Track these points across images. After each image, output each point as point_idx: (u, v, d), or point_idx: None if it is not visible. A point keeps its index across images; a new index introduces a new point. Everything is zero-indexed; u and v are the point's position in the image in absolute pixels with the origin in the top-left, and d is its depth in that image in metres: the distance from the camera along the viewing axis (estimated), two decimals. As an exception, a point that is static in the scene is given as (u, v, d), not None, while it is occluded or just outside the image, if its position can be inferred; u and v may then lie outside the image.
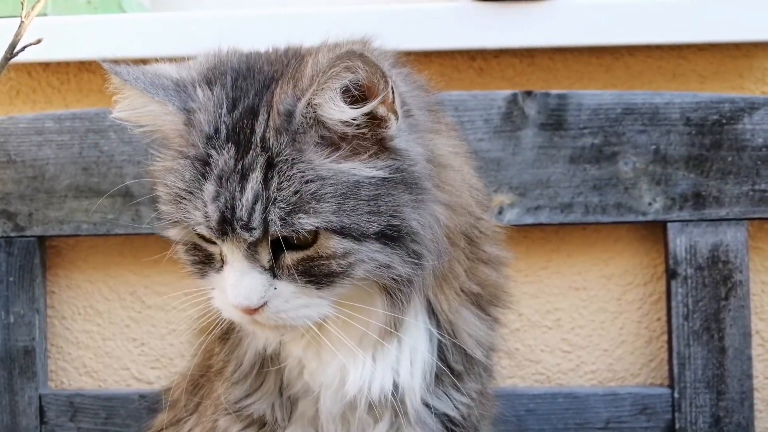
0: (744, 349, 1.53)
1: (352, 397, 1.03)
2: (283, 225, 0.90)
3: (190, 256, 0.99)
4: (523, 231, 1.58)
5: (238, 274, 0.93)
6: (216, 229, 0.91)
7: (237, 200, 0.90)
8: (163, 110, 0.97)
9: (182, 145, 0.96)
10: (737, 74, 1.61)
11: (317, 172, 0.91)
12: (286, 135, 0.92)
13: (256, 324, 0.96)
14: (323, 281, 0.94)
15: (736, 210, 1.52)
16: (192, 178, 0.93)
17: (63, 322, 1.67)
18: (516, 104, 1.52)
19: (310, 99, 0.90)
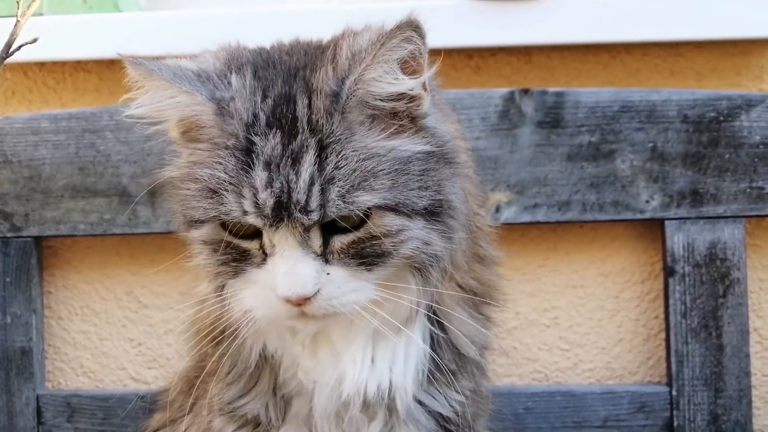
0: (742, 347, 1.53)
1: (348, 396, 1.03)
2: (343, 204, 0.89)
3: (219, 255, 0.95)
4: (520, 229, 1.58)
5: (292, 262, 0.91)
6: (271, 216, 0.89)
7: (293, 184, 0.89)
8: (191, 100, 0.94)
9: (215, 136, 0.94)
10: (734, 71, 1.61)
11: (371, 150, 0.92)
12: (335, 115, 0.92)
13: (302, 317, 0.94)
14: (374, 262, 0.94)
15: (733, 207, 1.52)
16: (235, 167, 0.91)
17: (60, 323, 1.67)
18: (513, 102, 1.52)
19: (361, 74, 0.91)
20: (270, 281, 0.92)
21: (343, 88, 0.92)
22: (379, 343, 1.04)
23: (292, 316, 0.94)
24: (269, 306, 0.94)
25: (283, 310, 0.93)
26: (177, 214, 0.99)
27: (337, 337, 1.03)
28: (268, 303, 0.94)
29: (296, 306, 0.92)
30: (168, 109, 0.96)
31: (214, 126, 0.94)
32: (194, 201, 0.94)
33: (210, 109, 0.94)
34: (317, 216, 0.89)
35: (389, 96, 0.93)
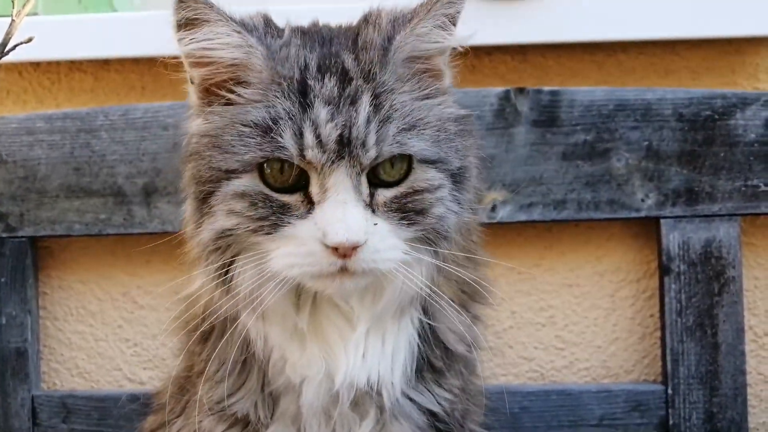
0: (737, 345, 1.53)
1: (340, 387, 1.03)
2: (398, 145, 0.93)
3: (256, 210, 0.93)
4: (515, 228, 1.58)
5: (346, 208, 0.91)
6: (333, 150, 0.91)
7: (354, 120, 0.91)
8: (245, 42, 0.95)
9: (266, 79, 0.95)
10: (729, 70, 1.61)
11: (417, 103, 0.97)
12: (386, 67, 0.96)
13: (341, 274, 0.93)
14: (412, 220, 0.96)
15: (728, 206, 1.52)
16: (293, 105, 0.92)
17: (55, 323, 1.66)
18: (508, 101, 1.52)
19: (413, 27, 0.96)
20: (315, 231, 0.91)
21: (393, 41, 0.96)
22: (370, 336, 1.04)
23: (332, 272, 0.92)
24: (311, 260, 0.92)
25: (327, 262, 0.92)
26: (201, 171, 0.96)
27: (330, 328, 1.03)
28: (309, 257, 0.92)
29: (341, 258, 0.91)
30: (221, 48, 0.96)
31: (265, 70, 0.95)
32: (240, 144, 0.93)
33: (261, 53, 0.95)
34: (375, 152, 0.92)
35: (437, 50, 1.00)
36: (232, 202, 0.94)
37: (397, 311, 1.04)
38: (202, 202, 0.97)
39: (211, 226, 0.97)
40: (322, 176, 0.92)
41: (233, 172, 0.94)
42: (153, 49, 1.54)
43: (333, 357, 1.03)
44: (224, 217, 0.95)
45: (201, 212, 0.98)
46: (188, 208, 1.01)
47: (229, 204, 0.95)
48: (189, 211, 1.01)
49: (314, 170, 0.92)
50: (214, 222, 0.96)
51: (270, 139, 0.91)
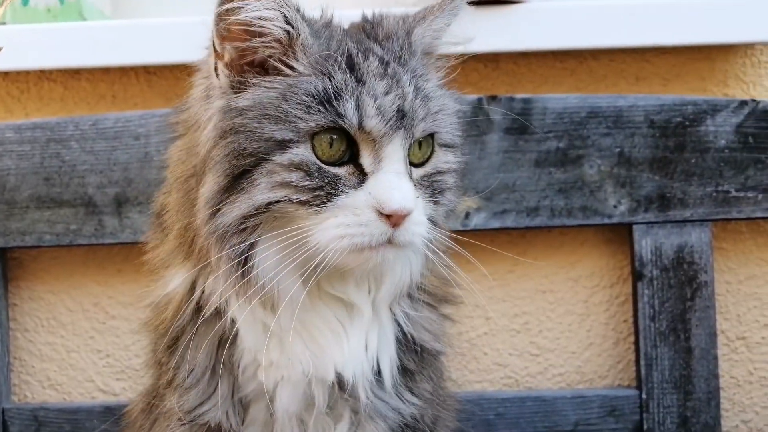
0: (710, 349, 1.54)
1: (321, 384, 1.03)
2: (438, 121, 1.01)
3: (311, 180, 0.94)
4: (489, 235, 1.58)
5: (400, 177, 0.95)
6: (392, 120, 0.95)
7: (406, 94, 0.96)
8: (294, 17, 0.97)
9: (316, 53, 0.97)
10: (699, 77, 1.63)
11: (440, 90, 1.04)
12: (415, 55, 1.03)
13: (387, 245, 0.95)
14: (437, 199, 1.03)
15: (700, 211, 1.53)
16: (348, 79, 0.95)
17: (26, 335, 1.65)
18: (481, 109, 1.52)
19: (430, 23, 1.05)
20: (370, 200, 0.94)
21: (413, 33, 1.04)
22: (369, 327, 1.05)
23: (380, 242, 0.94)
24: (362, 230, 0.94)
25: (378, 231, 0.94)
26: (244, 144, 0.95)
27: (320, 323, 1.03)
28: (361, 227, 0.94)
29: (392, 226, 0.94)
30: (275, 20, 0.97)
31: (313, 45, 0.98)
32: (299, 113, 0.94)
33: (307, 30, 0.98)
34: (423, 126, 0.98)
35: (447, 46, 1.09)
36: (285, 172, 0.94)
37: (393, 302, 1.06)
38: (236, 178, 0.95)
39: (248, 203, 0.95)
40: (378, 147, 0.95)
41: (289, 141, 0.94)
42: (123, 58, 1.55)
43: (322, 352, 1.03)
44: (270, 190, 0.94)
45: (231, 190, 0.96)
46: (209, 190, 0.97)
47: (281, 175, 0.94)
48: (210, 192, 0.97)
49: (368, 141, 0.95)
50: (253, 197, 0.95)
51: (331, 109, 0.94)
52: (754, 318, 1.63)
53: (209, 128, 0.99)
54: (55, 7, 1.60)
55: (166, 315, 1.07)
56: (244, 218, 0.95)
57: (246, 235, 0.96)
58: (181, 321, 1.05)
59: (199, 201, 0.98)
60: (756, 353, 1.64)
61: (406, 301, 1.08)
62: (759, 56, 1.63)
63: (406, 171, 0.97)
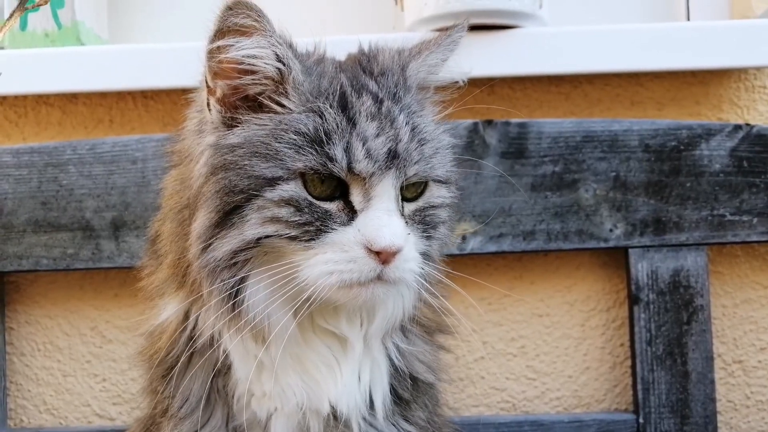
0: (707, 373, 1.54)
1: (315, 415, 1.03)
2: (431, 165, 1.00)
3: (301, 215, 0.94)
4: (486, 259, 1.59)
5: (390, 215, 0.95)
6: (382, 162, 0.94)
7: (400, 136, 0.96)
8: (288, 54, 0.97)
9: (306, 92, 0.97)
10: (694, 101, 1.64)
11: (434, 127, 1.04)
12: (407, 91, 1.02)
13: (377, 282, 0.95)
14: (429, 233, 1.02)
15: (695, 235, 1.54)
16: (340, 118, 0.95)
17: (22, 359, 1.64)
18: (477, 133, 1.53)
19: (425, 59, 1.05)
20: (359, 237, 0.94)
21: (408, 69, 1.03)
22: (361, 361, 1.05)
23: (370, 279, 0.95)
24: (351, 266, 0.94)
25: (367, 268, 0.94)
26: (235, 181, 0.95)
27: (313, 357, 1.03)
28: (350, 263, 0.94)
29: (382, 263, 0.94)
30: (267, 58, 0.97)
31: (304, 83, 0.97)
32: (288, 152, 0.94)
33: (299, 67, 0.97)
34: (415, 170, 0.98)
35: (443, 82, 1.09)
36: (276, 208, 0.94)
37: (385, 336, 1.06)
38: (227, 214, 0.96)
39: (238, 238, 0.95)
40: (367, 186, 0.95)
41: (278, 179, 0.94)
42: (121, 83, 1.56)
43: (316, 385, 1.03)
44: (260, 225, 0.95)
45: (222, 226, 0.96)
46: (201, 225, 0.97)
47: (271, 210, 0.95)
48: (202, 227, 0.97)
49: (359, 181, 0.95)
50: (243, 232, 0.95)
51: (321, 151, 0.94)
52: (751, 342, 1.63)
53: (201, 163, 0.99)
54: (53, 32, 1.60)
55: (160, 344, 1.07)
56: (234, 253, 0.96)
57: (236, 270, 0.97)
58: (176, 351, 1.05)
59: (192, 235, 0.98)
60: (753, 377, 1.63)
61: (399, 334, 1.08)
62: (753, 81, 1.64)
63: (397, 208, 0.97)
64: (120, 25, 1.77)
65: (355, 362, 1.05)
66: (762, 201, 1.54)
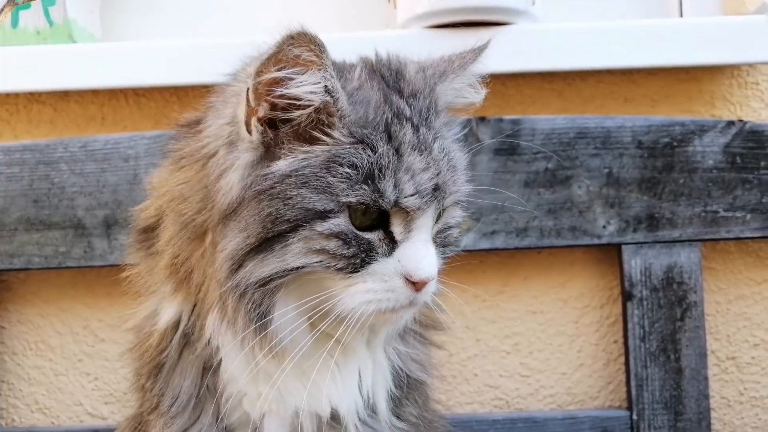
0: (700, 370, 1.54)
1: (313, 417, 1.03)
2: (462, 191, 1.02)
3: (348, 248, 0.94)
4: (479, 256, 1.58)
5: (428, 246, 0.97)
6: (428, 198, 0.95)
7: (441, 167, 0.97)
8: (334, 86, 0.94)
9: (355, 121, 0.95)
10: (687, 98, 1.64)
11: (456, 146, 1.04)
12: (436, 115, 1.02)
13: (410, 306, 0.97)
14: (446, 253, 1.05)
15: (689, 231, 1.54)
16: (388, 151, 0.94)
17: (14, 358, 1.64)
18: (470, 130, 1.53)
19: (451, 82, 1.05)
20: (399, 268, 0.95)
21: (435, 92, 1.03)
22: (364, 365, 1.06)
23: (404, 305, 0.97)
24: (390, 295, 0.95)
25: (404, 297, 0.96)
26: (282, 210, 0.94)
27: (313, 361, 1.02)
28: (389, 293, 0.95)
29: (417, 292, 0.96)
30: (318, 93, 0.94)
31: (351, 114, 0.95)
32: (340, 186, 0.93)
33: (345, 98, 0.95)
34: (452, 199, 1.00)
35: (464, 105, 1.09)
36: (324, 240, 0.94)
37: (387, 340, 1.07)
38: (268, 241, 0.94)
39: (278, 265, 0.94)
40: (410, 219, 0.96)
41: (330, 212, 0.93)
42: (113, 81, 1.55)
43: (317, 389, 1.03)
44: (304, 255, 0.94)
45: (260, 250, 0.95)
46: (234, 247, 0.95)
47: (319, 242, 0.94)
48: (235, 249, 0.95)
49: (401, 214, 0.95)
50: (285, 260, 0.94)
51: (372, 186, 0.93)
52: (744, 338, 1.63)
53: (234, 179, 0.96)
54: (44, 29, 1.60)
55: (150, 343, 1.07)
56: (270, 279, 0.95)
57: (269, 294, 0.96)
58: (168, 350, 1.05)
59: (221, 254, 0.96)
60: (746, 373, 1.64)
61: (397, 338, 1.09)
62: (745, 77, 1.64)
63: (432, 236, 1.00)
64: (112, 22, 1.76)
65: (356, 365, 1.05)
66: (755, 197, 1.54)
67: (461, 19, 1.51)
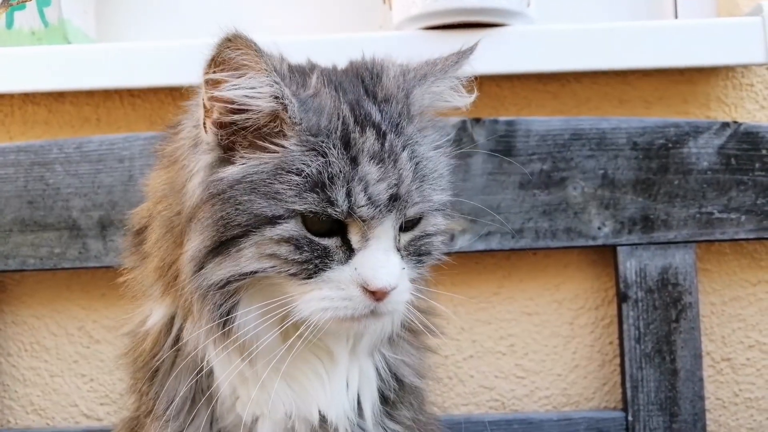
0: (695, 371, 1.54)
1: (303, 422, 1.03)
2: (431, 201, 0.98)
3: (301, 253, 0.93)
4: (474, 257, 1.59)
5: (388, 255, 0.95)
6: (383, 207, 0.93)
7: (402, 179, 0.94)
8: (281, 92, 0.93)
9: (307, 129, 0.94)
10: (681, 99, 1.64)
11: (433, 153, 1.01)
12: (409, 121, 0.99)
13: (369, 316, 0.95)
14: (422, 261, 1.02)
15: (684, 233, 1.54)
16: (342, 160, 0.92)
17: (9, 359, 1.63)
18: (465, 131, 1.53)
19: (429, 86, 1.02)
20: (355, 276, 0.94)
21: (411, 95, 1.01)
22: (349, 371, 1.05)
23: (363, 314, 0.95)
24: (346, 303, 0.94)
25: (362, 306, 0.94)
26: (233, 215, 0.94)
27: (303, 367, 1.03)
28: (345, 301, 0.94)
29: (376, 301, 0.94)
30: (260, 98, 0.93)
31: (302, 121, 0.94)
32: (289, 193, 0.92)
33: (296, 105, 0.94)
34: (416, 210, 0.97)
35: (446, 109, 1.06)
36: (275, 246, 0.93)
37: (372, 348, 1.06)
38: (223, 244, 0.95)
39: (233, 269, 0.95)
40: (365, 228, 0.94)
41: (279, 217, 0.93)
42: (108, 82, 1.55)
43: (305, 393, 1.03)
44: (257, 260, 0.94)
45: (216, 253, 0.95)
46: (194, 249, 0.96)
47: (270, 248, 0.93)
48: (195, 251, 0.96)
49: (357, 222, 0.94)
50: (239, 265, 0.94)
51: (322, 195, 0.92)
52: (739, 339, 1.63)
53: (196, 182, 0.97)
54: (39, 30, 1.60)
55: (144, 347, 1.07)
56: (228, 281, 0.95)
57: (229, 295, 0.97)
58: (160, 355, 1.05)
59: (184, 256, 0.97)
60: (741, 374, 1.64)
61: (386, 345, 1.08)
62: (740, 78, 1.64)
63: (394, 245, 0.97)
64: (107, 23, 1.76)
65: (343, 371, 1.05)
66: (750, 198, 1.54)
67: (456, 20, 1.51)
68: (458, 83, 1.06)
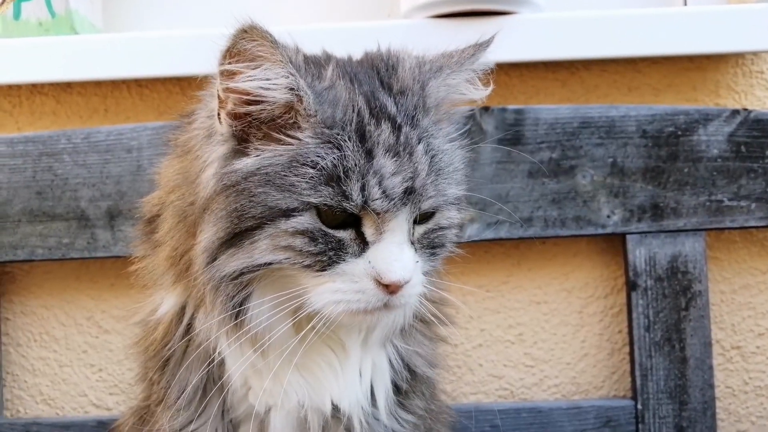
0: (705, 359, 1.54)
1: (317, 412, 1.03)
2: (446, 195, 0.97)
3: (315, 245, 0.93)
4: (483, 246, 1.58)
5: (402, 248, 0.94)
6: (398, 200, 0.92)
7: (417, 172, 0.93)
8: (296, 84, 0.92)
9: (322, 121, 0.93)
10: (691, 87, 1.63)
11: (448, 147, 1.00)
12: (425, 113, 0.99)
13: (382, 309, 0.95)
14: (436, 254, 1.01)
15: (693, 221, 1.53)
16: (358, 153, 0.92)
17: (18, 350, 1.64)
18: (473, 120, 1.52)
19: (446, 78, 1.01)
20: (369, 269, 0.93)
21: (427, 88, 0.99)
22: (362, 362, 1.05)
23: (376, 307, 0.95)
24: (359, 296, 0.94)
25: (375, 299, 0.94)
26: (248, 207, 0.93)
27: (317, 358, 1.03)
28: (359, 294, 0.94)
29: (390, 294, 0.94)
30: (275, 89, 0.93)
31: (318, 113, 0.93)
32: (304, 186, 0.92)
33: (311, 97, 0.93)
34: (430, 204, 0.96)
35: (462, 101, 1.06)
36: (290, 238, 0.93)
37: (384, 340, 1.06)
38: (237, 236, 0.95)
39: (247, 260, 0.94)
40: (381, 221, 0.93)
41: (294, 210, 0.92)
42: (115, 72, 1.55)
43: (318, 384, 1.03)
44: (271, 252, 0.94)
45: (230, 245, 0.95)
46: (208, 240, 0.96)
47: (285, 240, 0.93)
48: (209, 242, 0.96)
49: (372, 215, 0.93)
50: (253, 256, 0.94)
51: (337, 188, 0.91)
52: (749, 327, 1.63)
53: (210, 173, 0.97)
54: (46, 20, 1.59)
55: (155, 336, 1.07)
56: (241, 273, 0.95)
57: (241, 287, 0.96)
58: (172, 344, 1.05)
59: (197, 247, 0.97)
60: (751, 362, 1.63)
61: (398, 336, 1.08)
62: (750, 66, 1.63)
63: (408, 238, 0.96)
64: (114, 13, 1.76)
65: (356, 362, 1.05)
66: (760, 186, 1.53)
67: (464, 8, 1.51)
68: (474, 76, 1.06)
